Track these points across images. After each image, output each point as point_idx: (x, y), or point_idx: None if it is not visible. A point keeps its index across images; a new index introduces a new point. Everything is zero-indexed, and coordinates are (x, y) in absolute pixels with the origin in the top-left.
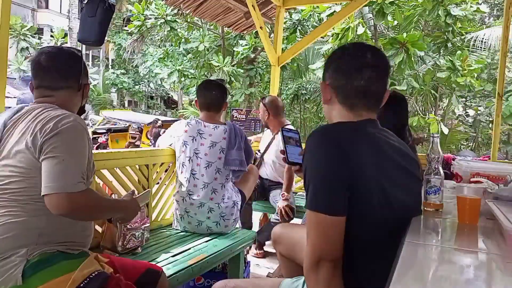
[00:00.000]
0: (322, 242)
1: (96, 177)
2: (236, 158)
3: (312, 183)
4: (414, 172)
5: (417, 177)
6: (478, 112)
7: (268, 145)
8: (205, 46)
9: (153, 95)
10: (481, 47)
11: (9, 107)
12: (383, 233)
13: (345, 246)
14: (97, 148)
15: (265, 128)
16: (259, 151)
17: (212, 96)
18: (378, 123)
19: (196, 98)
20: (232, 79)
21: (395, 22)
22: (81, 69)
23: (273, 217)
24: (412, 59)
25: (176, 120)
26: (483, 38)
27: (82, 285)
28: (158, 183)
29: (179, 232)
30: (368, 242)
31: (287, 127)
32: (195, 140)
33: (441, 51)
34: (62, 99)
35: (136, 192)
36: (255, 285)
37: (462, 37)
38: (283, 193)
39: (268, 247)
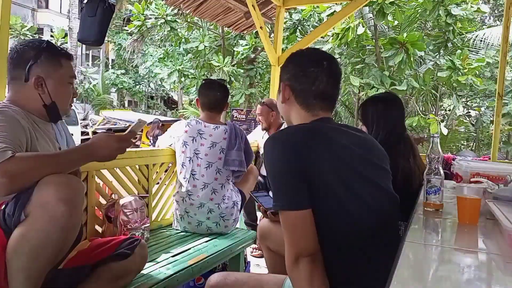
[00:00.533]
0: (295, 238)
1: (96, 177)
2: (235, 158)
3: (273, 185)
4: (381, 164)
5: (386, 169)
6: (480, 112)
7: None
8: (205, 46)
9: (153, 95)
10: (482, 47)
11: None
12: (362, 227)
13: (324, 242)
14: None
15: (264, 131)
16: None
17: (216, 97)
18: (333, 120)
19: (197, 98)
20: (232, 79)
21: (396, 22)
22: (33, 58)
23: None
24: (412, 59)
25: (176, 120)
26: (483, 38)
27: None
28: (158, 183)
29: (179, 232)
30: (347, 236)
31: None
32: (195, 140)
33: (441, 51)
34: (12, 93)
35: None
36: (257, 280)
37: (463, 36)
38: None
39: None
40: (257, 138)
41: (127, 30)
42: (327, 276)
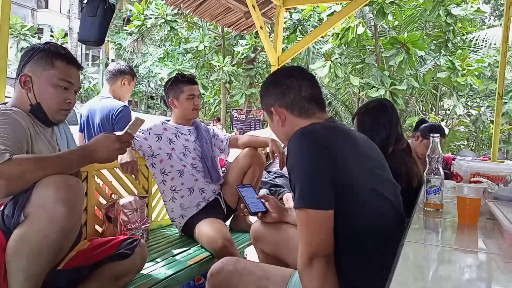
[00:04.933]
0: (314, 238)
1: (96, 177)
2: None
3: (298, 182)
4: (385, 165)
5: (389, 170)
6: (480, 112)
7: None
8: (205, 46)
9: (153, 95)
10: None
11: None
12: (382, 227)
13: (342, 243)
14: None
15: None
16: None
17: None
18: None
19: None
20: (232, 79)
21: (396, 22)
22: (28, 57)
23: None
24: (413, 58)
25: None
26: (484, 38)
27: None
28: None
29: (179, 232)
30: (366, 236)
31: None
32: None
33: (442, 51)
34: (13, 94)
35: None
36: (264, 271)
37: (463, 37)
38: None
39: None
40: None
41: (127, 30)
42: (339, 277)
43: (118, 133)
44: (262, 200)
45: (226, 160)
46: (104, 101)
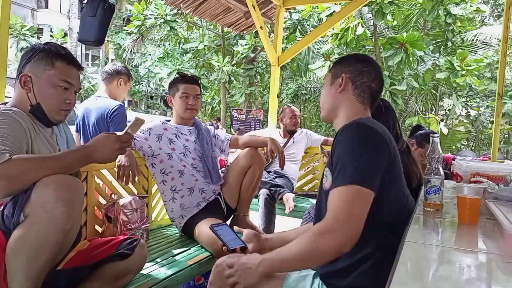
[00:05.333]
0: (355, 217)
1: (96, 177)
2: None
3: (353, 162)
4: None
5: None
6: (480, 112)
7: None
8: (204, 46)
9: (153, 95)
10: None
11: None
12: (399, 222)
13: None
14: None
15: (278, 132)
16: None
17: None
18: None
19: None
20: (232, 78)
21: (395, 22)
22: (28, 57)
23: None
24: (412, 58)
25: None
26: (484, 38)
27: None
28: None
29: (179, 232)
30: (396, 223)
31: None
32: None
33: (441, 51)
34: (13, 94)
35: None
36: None
37: (462, 36)
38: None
39: None
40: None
41: (127, 30)
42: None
43: (118, 133)
44: (238, 235)
45: (226, 161)
46: (99, 101)
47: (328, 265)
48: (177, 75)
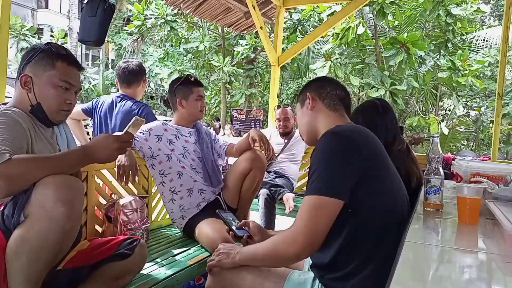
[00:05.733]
0: (317, 226)
1: (96, 177)
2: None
3: (319, 171)
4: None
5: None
6: (480, 112)
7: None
8: (205, 46)
9: (153, 95)
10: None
11: None
12: (391, 222)
13: (360, 235)
14: None
15: (278, 132)
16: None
17: None
18: None
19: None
20: (232, 79)
21: (396, 22)
22: (29, 58)
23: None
24: (413, 58)
25: None
26: (485, 38)
27: None
28: None
29: (179, 232)
30: (383, 228)
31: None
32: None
33: (442, 51)
34: (13, 94)
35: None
36: (262, 269)
37: (463, 37)
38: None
39: None
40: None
41: (127, 30)
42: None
43: (118, 133)
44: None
45: (226, 162)
46: (125, 101)
47: (328, 274)
48: (187, 76)
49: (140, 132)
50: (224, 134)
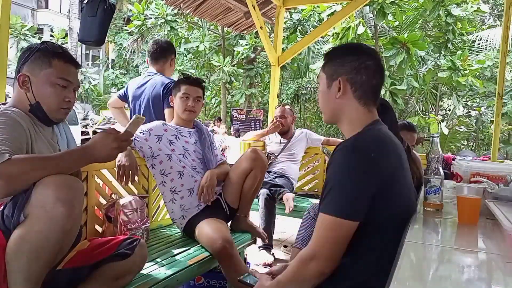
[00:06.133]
0: (328, 244)
1: (96, 177)
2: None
3: (333, 190)
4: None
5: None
6: (480, 112)
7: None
8: (205, 46)
9: None
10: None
11: None
12: (392, 230)
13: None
14: None
15: (275, 133)
16: (269, 153)
17: None
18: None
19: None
20: (232, 79)
21: (396, 22)
22: (26, 57)
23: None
24: (413, 59)
25: None
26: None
27: None
28: None
29: (179, 232)
30: (379, 238)
31: None
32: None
33: (442, 51)
34: (12, 95)
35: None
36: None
37: (463, 37)
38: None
39: (276, 248)
40: (276, 145)
41: (128, 30)
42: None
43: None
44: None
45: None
46: (155, 77)
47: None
48: (181, 75)
49: (140, 132)
50: (217, 133)
